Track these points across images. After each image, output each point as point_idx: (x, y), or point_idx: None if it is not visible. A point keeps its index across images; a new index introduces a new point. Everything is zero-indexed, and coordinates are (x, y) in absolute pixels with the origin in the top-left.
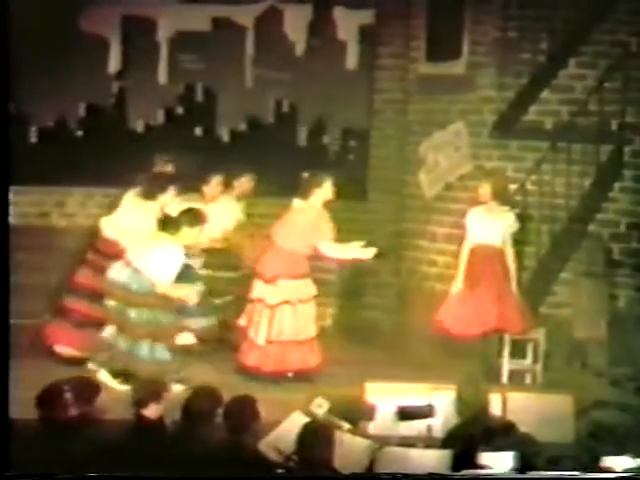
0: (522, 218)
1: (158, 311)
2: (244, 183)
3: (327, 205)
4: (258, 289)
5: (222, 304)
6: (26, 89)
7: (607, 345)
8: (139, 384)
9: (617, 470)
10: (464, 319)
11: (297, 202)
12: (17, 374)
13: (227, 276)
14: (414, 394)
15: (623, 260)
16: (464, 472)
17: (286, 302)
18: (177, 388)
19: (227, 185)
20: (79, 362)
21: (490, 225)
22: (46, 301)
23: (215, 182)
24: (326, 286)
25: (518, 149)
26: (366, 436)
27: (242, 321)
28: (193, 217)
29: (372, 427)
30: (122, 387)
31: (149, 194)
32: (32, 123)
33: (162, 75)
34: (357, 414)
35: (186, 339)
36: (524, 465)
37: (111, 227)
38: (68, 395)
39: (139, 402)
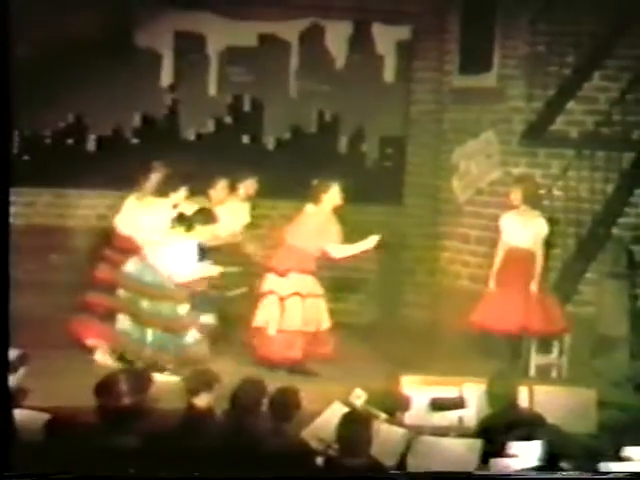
0: (549, 222)
1: (170, 303)
2: (248, 186)
3: (337, 210)
4: (270, 282)
5: (234, 297)
6: (85, 101)
7: (629, 341)
8: (193, 373)
9: (636, 459)
10: (495, 316)
11: (309, 207)
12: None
13: (235, 272)
14: (447, 387)
15: None
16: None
17: (296, 294)
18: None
19: (232, 188)
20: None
21: (522, 229)
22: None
23: (221, 186)
24: (366, 285)
25: (545, 156)
26: (402, 425)
27: (255, 314)
28: (206, 216)
29: (407, 417)
30: (171, 378)
31: (162, 192)
32: (90, 132)
33: (212, 87)
34: (393, 405)
35: (193, 334)
36: (551, 454)
37: (125, 224)
38: (123, 385)
39: (192, 391)
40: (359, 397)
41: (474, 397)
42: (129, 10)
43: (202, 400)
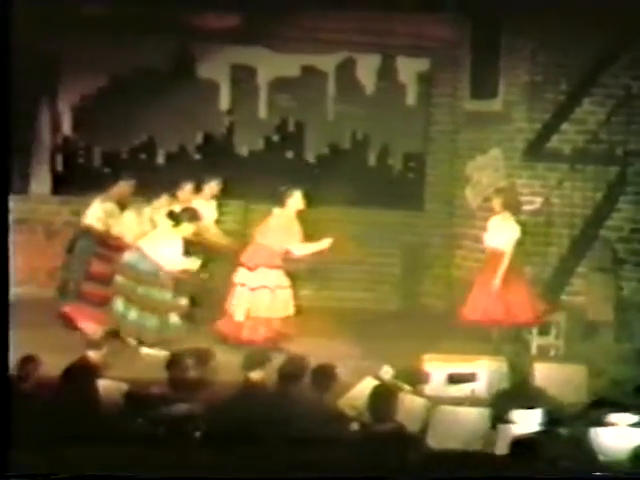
0: (547, 224)
1: (160, 289)
2: (213, 187)
3: (300, 214)
4: (241, 275)
5: (209, 284)
6: (156, 122)
7: (613, 325)
8: (248, 353)
9: (621, 424)
10: (477, 309)
11: (276, 210)
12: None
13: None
14: (461, 363)
15: (627, 258)
16: None
17: (264, 287)
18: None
19: (198, 189)
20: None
21: (499, 232)
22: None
23: (188, 188)
24: (392, 277)
25: (544, 170)
26: (423, 396)
27: (227, 301)
28: (192, 214)
29: (428, 389)
30: (161, 353)
31: (148, 198)
32: (160, 148)
33: (262, 111)
34: (416, 379)
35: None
36: (549, 420)
37: (116, 225)
38: (189, 361)
39: (248, 367)
40: (387, 372)
41: (485, 372)
42: (192, 46)
43: (256, 375)
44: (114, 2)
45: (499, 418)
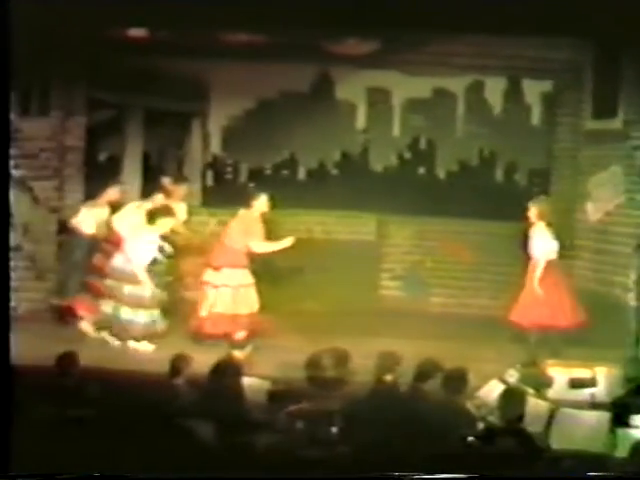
0: None
1: (143, 287)
2: (180, 190)
3: (264, 216)
4: (207, 275)
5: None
6: (297, 141)
7: None
8: (380, 355)
9: None
10: (525, 314)
11: (241, 211)
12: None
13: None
14: (582, 369)
15: None
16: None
17: (225, 285)
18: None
19: (168, 194)
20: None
21: (535, 242)
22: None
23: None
24: (514, 286)
25: None
26: (546, 399)
27: (196, 299)
28: (167, 211)
29: (551, 393)
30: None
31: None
32: (301, 165)
33: (396, 130)
34: (539, 383)
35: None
36: None
37: (117, 222)
38: (326, 361)
39: (380, 370)
40: (512, 376)
41: (604, 378)
42: (331, 71)
43: (388, 376)
44: (262, 31)
45: (618, 422)
